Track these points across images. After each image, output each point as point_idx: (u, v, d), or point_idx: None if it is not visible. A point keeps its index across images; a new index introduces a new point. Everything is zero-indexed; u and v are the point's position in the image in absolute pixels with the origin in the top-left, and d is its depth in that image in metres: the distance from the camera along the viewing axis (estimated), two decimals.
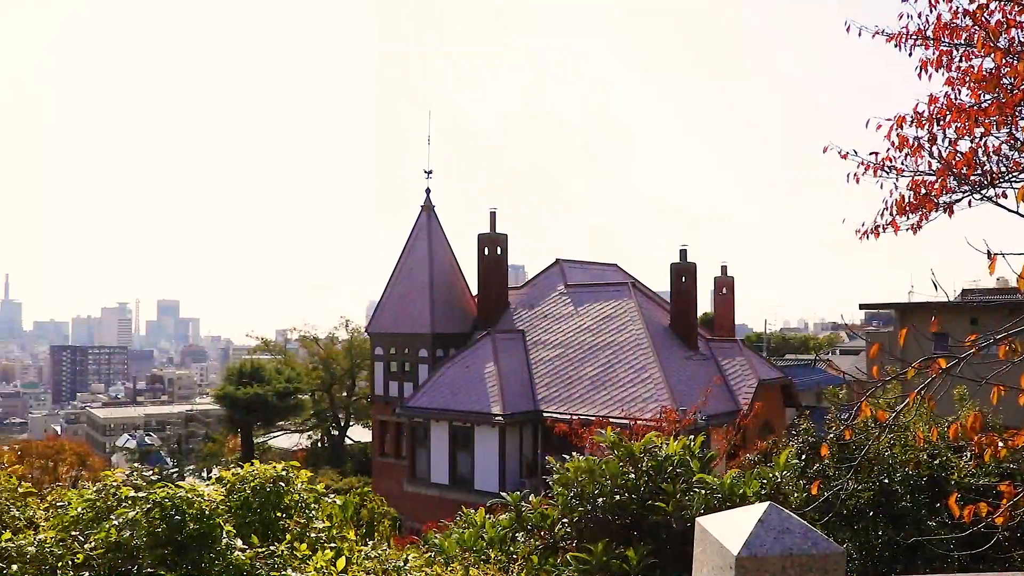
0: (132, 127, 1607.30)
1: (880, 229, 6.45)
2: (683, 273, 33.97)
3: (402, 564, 5.88)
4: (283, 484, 6.04)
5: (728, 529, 3.74)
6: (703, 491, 6.77)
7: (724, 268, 40.54)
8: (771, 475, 7.54)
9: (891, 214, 6.32)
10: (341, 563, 5.13)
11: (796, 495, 7.44)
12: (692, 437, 8.03)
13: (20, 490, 6.27)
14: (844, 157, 6.44)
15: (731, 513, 3.95)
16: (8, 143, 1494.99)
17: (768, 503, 3.82)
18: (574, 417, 23.32)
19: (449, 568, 6.22)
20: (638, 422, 18.86)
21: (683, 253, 34.15)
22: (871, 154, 6.36)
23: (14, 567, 4.90)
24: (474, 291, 38.01)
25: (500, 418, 28.80)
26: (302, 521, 6.01)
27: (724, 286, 40.57)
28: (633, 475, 7.17)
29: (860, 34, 6.69)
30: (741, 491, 6.87)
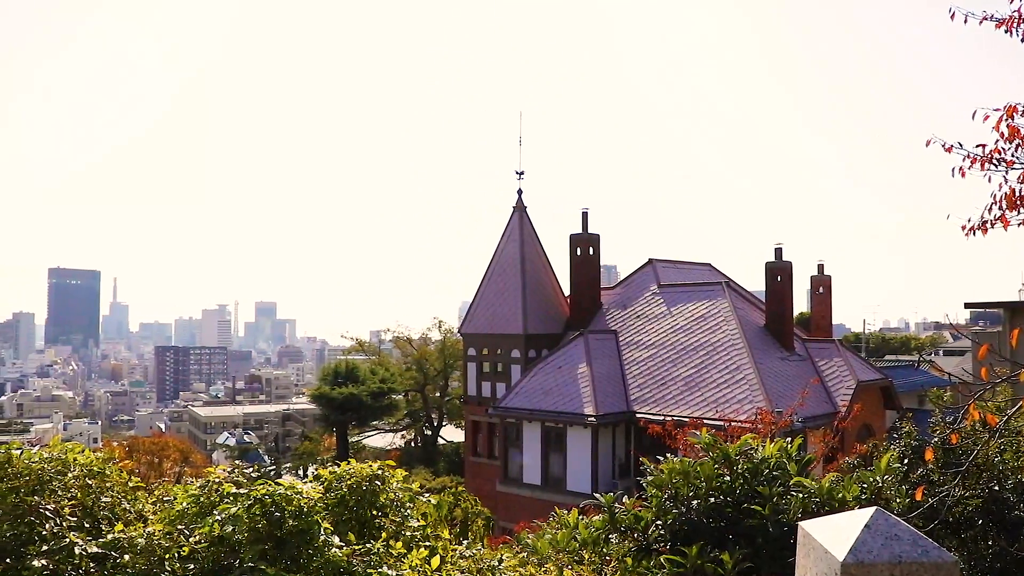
0: (230, 134, 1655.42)
1: (988, 225, 6.19)
2: (778, 272, 33.37)
3: (496, 564, 5.90)
4: (379, 483, 6.12)
5: (833, 534, 3.61)
6: (800, 495, 6.63)
7: (821, 267, 39.67)
8: (871, 479, 7.34)
9: (1000, 209, 6.05)
10: (435, 562, 5.17)
11: (899, 501, 7.22)
12: (789, 439, 7.88)
13: (130, 484, 6.49)
14: (948, 151, 6.21)
15: (835, 517, 3.82)
16: (113, 151, 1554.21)
17: (875, 508, 3.67)
18: (667, 418, 23.11)
19: (543, 569, 6.22)
20: (733, 424, 18.60)
21: (778, 252, 33.53)
22: (978, 146, 6.11)
23: (126, 557, 5.09)
24: (566, 292, 38.00)
25: (592, 419, 28.71)
26: (397, 519, 6.08)
27: (821, 285, 39.68)
28: (728, 477, 7.06)
29: (966, 20, 6.44)
30: (840, 495, 6.71)
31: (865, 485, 7.19)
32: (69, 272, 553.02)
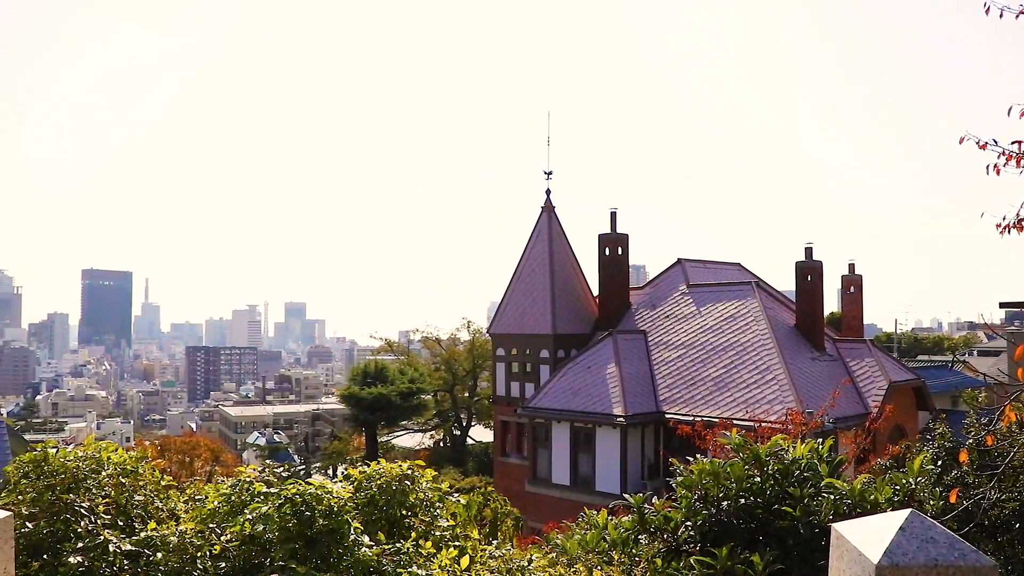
0: (263, 134, 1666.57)
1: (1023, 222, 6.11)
2: (808, 272, 33.14)
3: (526, 564, 5.90)
4: (408, 483, 6.15)
5: (867, 536, 3.54)
6: (832, 496, 6.58)
7: (852, 266, 39.34)
8: (904, 481, 7.27)
9: None
10: (465, 561, 5.18)
11: (932, 503, 7.14)
12: (820, 440, 7.81)
13: (163, 483, 6.57)
14: (983, 147, 6.12)
15: (869, 519, 3.76)
16: (145, 152, 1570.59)
17: (910, 510, 3.60)
18: (697, 419, 23.02)
19: (573, 569, 6.22)
20: (763, 424, 18.48)
21: (808, 251, 33.30)
22: (1014, 143, 6.03)
23: (159, 555, 5.15)
24: (595, 292, 37.95)
25: (622, 419, 28.65)
26: (427, 519, 6.11)
27: (852, 284, 39.36)
28: (759, 478, 7.02)
29: (1002, 15, 6.34)
30: (872, 497, 6.65)
31: (898, 487, 7.12)
32: (102, 273, 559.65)
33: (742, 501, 6.87)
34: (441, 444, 62.36)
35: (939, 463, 8.33)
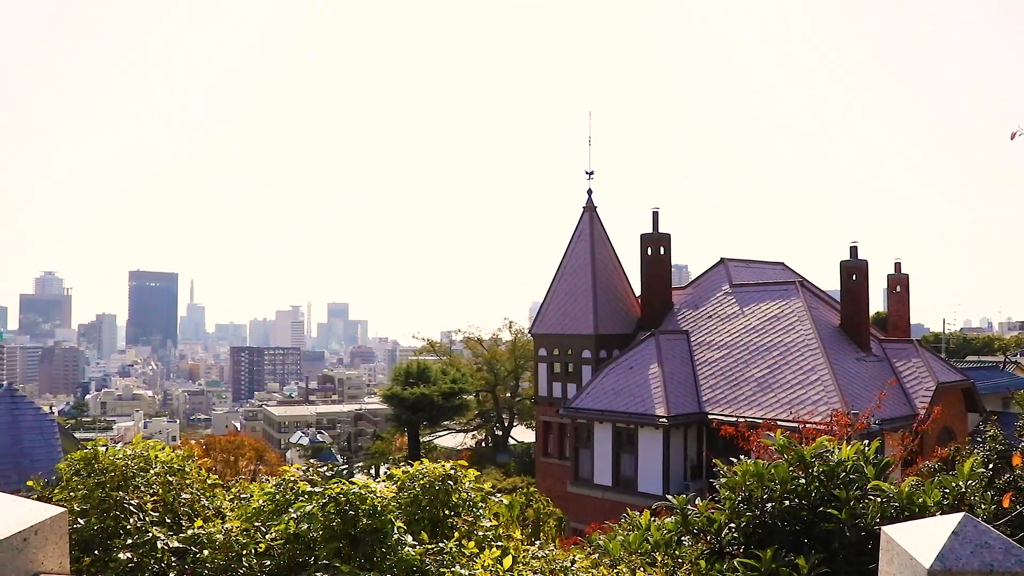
0: (302, 136, 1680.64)
1: None
2: (853, 271, 32.75)
3: (568, 565, 5.89)
4: (451, 483, 6.17)
5: (918, 540, 3.44)
6: (879, 499, 6.49)
7: (898, 265, 38.81)
8: (954, 484, 7.15)
9: None
10: (507, 562, 5.18)
11: (983, 507, 7.01)
12: (866, 442, 7.72)
13: (208, 482, 6.65)
14: None
15: (921, 523, 3.66)
16: (188, 155, 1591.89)
17: (963, 514, 3.49)
18: (740, 420, 22.84)
19: (615, 570, 6.20)
20: (807, 425, 18.30)
21: (853, 250, 32.91)
22: None
23: (205, 552, 5.22)
24: (637, 292, 37.81)
25: (664, 420, 28.52)
26: (470, 519, 6.12)
27: (898, 284, 38.82)
28: (803, 480, 6.95)
29: None
30: (921, 500, 6.54)
31: (947, 490, 7.00)
32: (148, 275, 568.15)
33: (786, 503, 6.80)
34: (483, 444, 62.49)
35: (990, 466, 8.20)
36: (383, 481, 6.38)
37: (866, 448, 7.35)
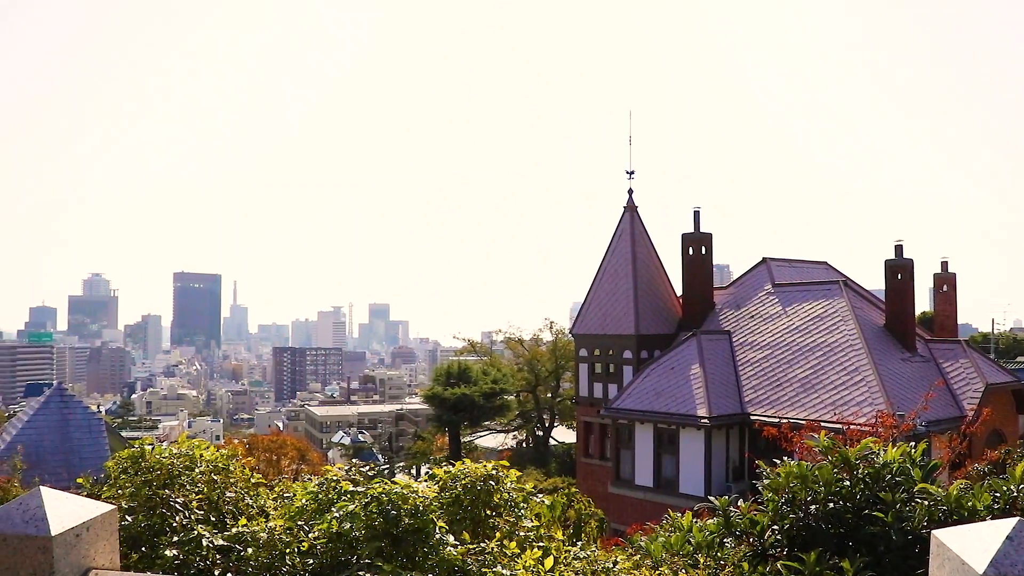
0: (343, 138, 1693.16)
1: None
2: (899, 270, 32.31)
3: (610, 566, 5.88)
4: (493, 483, 6.18)
5: (970, 545, 3.33)
6: (926, 502, 6.39)
7: (945, 264, 38.22)
8: (1005, 488, 7.01)
9: None
10: (549, 562, 5.18)
11: None
12: (912, 444, 7.61)
13: (252, 481, 6.73)
14: None
15: (973, 527, 3.56)
16: (231, 159, 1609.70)
17: (1018, 519, 3.40)
18: (783, 421, 22.65)
19: (657, 572, 6.17)
20: (851, 427, 18.09)
21: (898, 249, 32.47)
22: None
23: (249, 550, 5.28)
24: (679, 292, 37.62)
25: (706, 420, 28.34)
26: (511, 519, 6.12)
27: (945, 283, 38.23)
28: (848, 482, 6.87)
29: None
30: (970, 504, 6.43)
31: (998, 494, 6.87)
32: (192, 276, 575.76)
33: (831, 505, 6.73)
34: (524, 445, 62.49)
35: None
36: (425, 481, 6.41)
37: (912, 450, 7.25)
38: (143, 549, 5.47)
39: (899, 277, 32.34)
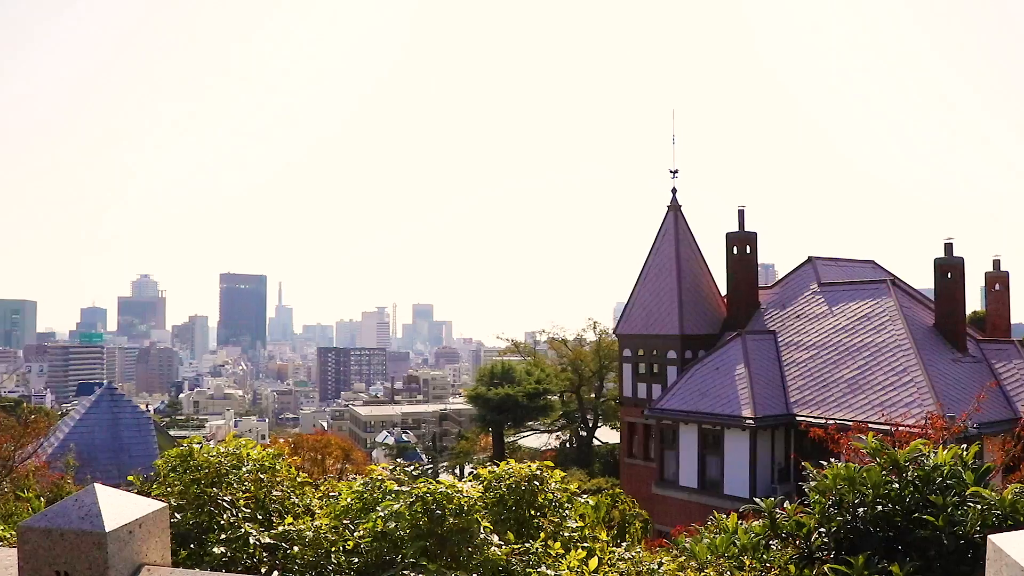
0: (387, 140, 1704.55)
1: None
2: (948, 269, 31.79)
3: (655, 567, 5.86)
4: (537, 483, 6.20)
5: None
6: (979, 506, 6.28)
7: (997, 262, 37.50)
8: None
9: None
10: (593, 563, 5.17)
11: None
12: (964, 446, 7.49)
13: (298, 480, 6.80)
14: None
15: None
16: (275, 161, 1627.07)
17: None
18: (829, 422, 22.39)
19: (702, 574, 6.14)
20: (900, 428, 17.85)
21: (948, 247, 31.95)
22: None
23: (295, 548, 5.35)
24: (723, 291, 37.37)
25: (751, 421, 28.12)
26: (556, 520, 6.13)
27: (997, 282, 37.50)
28: (897, 485, 6.77)
29: None
30: None
31: None
32: (238, 277, 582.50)
33: (879, 508, 6.63)
34: (567, 445, 62.41)
35: None
36: (469, 481, 6.43)
37: (964, 453, 7.14)
38: (192, 546, 5.55)
39: (949, 276, 31.82)
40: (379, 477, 6.12)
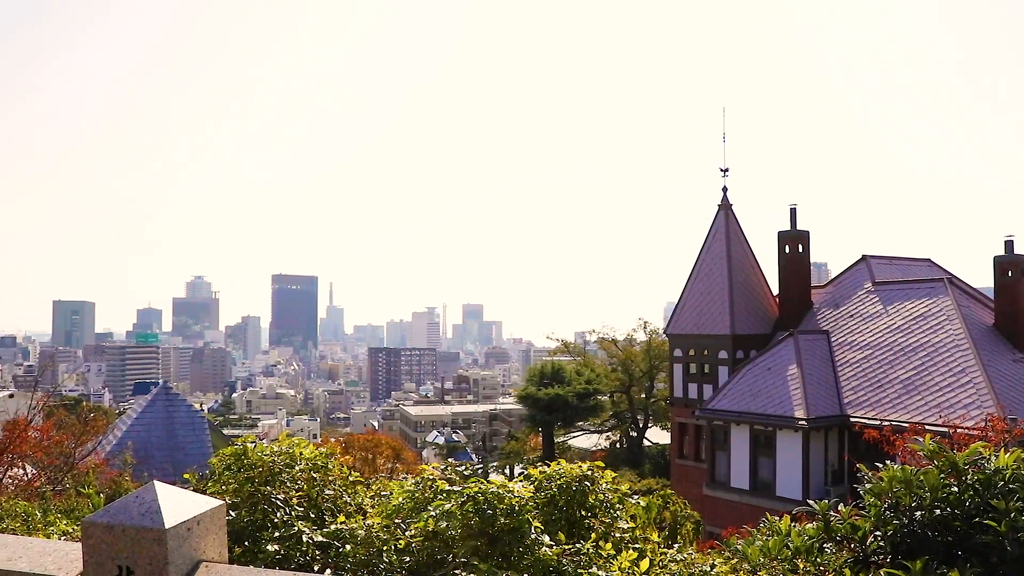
0: (437, 142, 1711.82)
1: None
2: (1009, 267, 31.11)
3: (707, 569, 5.81)
4: (588, 483, 6.17)
5: None
6: None
7: None
8: None
9: None
10: (644, 564, 5.13)
11: None
12: None
13: (350, 479, 6.85)
14: None
15: None
16: (327, 163, 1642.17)
17: None
18: (885, 423, 22.05)
19: None
20: (958, 430, 17.52)
21: (1008, 244, 31.28)
22: None
23: (347, 547, 5.38)
24: (775, 291, 36.98)
25: (803, 422, 27.77)
26: (607, 521, 6.10)
27: None
28: (956, 489, 6.63)
29: None
30: None
31: None
32: (290, 278, 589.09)
33: (937, 512, 6.50)
34: (618, 445, 62.21)
35: None
36: (520, 481, 6.42)
37: None
38: (246, 543, 5.61)
39: (1009, 274, 31.15)
40: (430, 477, 6.15)
